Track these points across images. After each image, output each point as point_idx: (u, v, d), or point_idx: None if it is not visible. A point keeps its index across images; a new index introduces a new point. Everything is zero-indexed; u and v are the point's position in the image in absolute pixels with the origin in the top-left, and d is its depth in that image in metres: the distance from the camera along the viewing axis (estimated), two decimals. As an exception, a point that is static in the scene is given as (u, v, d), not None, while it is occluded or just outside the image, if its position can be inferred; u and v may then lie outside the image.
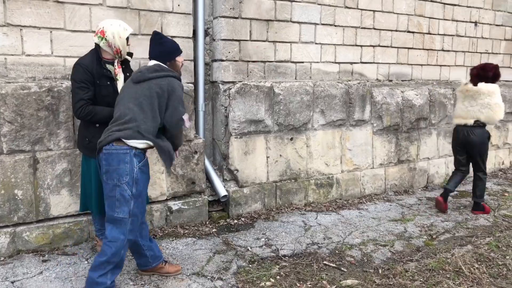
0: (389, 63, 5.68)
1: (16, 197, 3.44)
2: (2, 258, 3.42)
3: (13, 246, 3.47)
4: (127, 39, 3.20)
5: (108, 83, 3.16)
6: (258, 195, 4.66)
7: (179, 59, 3.10)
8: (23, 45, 3.47)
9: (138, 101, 2.83)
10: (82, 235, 3.74)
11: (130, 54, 3.37)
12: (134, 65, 3.78)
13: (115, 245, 2.80)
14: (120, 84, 3.20)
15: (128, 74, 3.30)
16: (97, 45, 3.17)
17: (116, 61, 3.20)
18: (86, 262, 3.43)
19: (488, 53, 6.81)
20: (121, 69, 3.22)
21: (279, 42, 4.73)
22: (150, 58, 3.03)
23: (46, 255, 3.51)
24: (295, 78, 4.91)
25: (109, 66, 3.18)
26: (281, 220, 4.51)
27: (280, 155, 4.80)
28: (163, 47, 3.02)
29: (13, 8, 3.39)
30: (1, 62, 3.41)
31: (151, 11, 3.99)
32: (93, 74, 3.09)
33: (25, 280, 3.12)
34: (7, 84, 3.36)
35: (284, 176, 4.85)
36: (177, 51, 3.08)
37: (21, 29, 3.45)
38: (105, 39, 3.11)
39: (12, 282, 3.10)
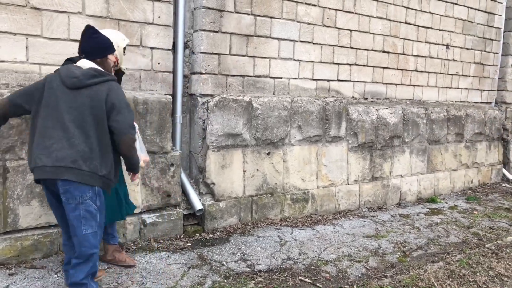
0: (365, 82, 5.81)
1: (-17, 207, 3.31)
2: (-35, 271, 3.28)
3: (-23, 259, 3.32)
4: (124, 49, 3.18)
5: None
6: (234, 209, 4.63)
7: (112, 57, 2.96)
8: (-3, 51, 3.38)
9: (77, 116, 2.67)
10: (52, 247, 3.61)
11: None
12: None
13: (92, 260, 2.82)
14: None
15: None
16: None
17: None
18: (55, 275, 3.31)
19: (459, 75, 7.05)
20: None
21: (258, 57, 4.77)
22: (80, 52, 2.88)
23: (13, 268, 3.36)
24: (274, 93, 4.95)
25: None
26: (256, 235, 4.49)
27: (257, 170, 4.79)
28: (95, 42, 2.87)
29: (-12, 12, 3.32)
30: (-27, 67, 3.32)
31: (131, 21, 3.96)
32: None
33: (-11, 295, 2.99)
34: (-22, 90, 3.26)
35: (260, 191, 4.84)
36: (110, 48, 2.94)
37: (-4, 35, 3.37)
38: None
39: (-24, 297, 2.97)
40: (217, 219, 4.51)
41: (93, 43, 2.86)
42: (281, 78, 4.99)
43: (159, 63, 4.17)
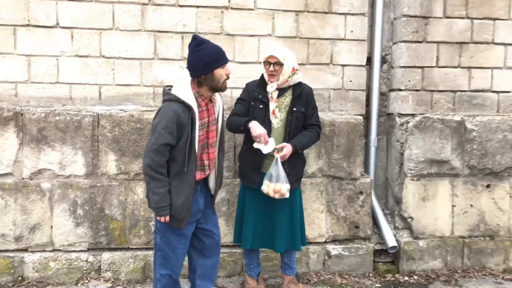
0: None
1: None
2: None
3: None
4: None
5: (261, 106, 3.07)
6: (437, 251, 3.86)
7: (221, 71, 2.55)
8: (196, 77, 3.66)
9: None
10: (235, 267, 3.67)
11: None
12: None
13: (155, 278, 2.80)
14: (272, 107, 3.05)
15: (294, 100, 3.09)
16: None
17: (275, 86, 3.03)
18: (232, 297, 3.32)
19: None
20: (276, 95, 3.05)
21: (476, 68, 3.93)
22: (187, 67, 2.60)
23: (199, 283, 3.52)
24: (497, 111, 3.99)
25: (269, 87, 3.02)
26: (467, 286, 3.62)
27: (471, 205, 3.90)
28: (197, 57, 2.47)
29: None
30: (177, 93, 3.66)
31: (321, 39, 3.78)
32: (249, 95, 3.12)
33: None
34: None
35: (475, 232, 3.93)
36: (216, 62, 2.51)
37: (195, 62, 3.65)
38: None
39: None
40: (415, 260, 3.83)
41: (195, 59, 2.50)
42: (508, 92, 3.99)
43: (350, 81, 3.85)
